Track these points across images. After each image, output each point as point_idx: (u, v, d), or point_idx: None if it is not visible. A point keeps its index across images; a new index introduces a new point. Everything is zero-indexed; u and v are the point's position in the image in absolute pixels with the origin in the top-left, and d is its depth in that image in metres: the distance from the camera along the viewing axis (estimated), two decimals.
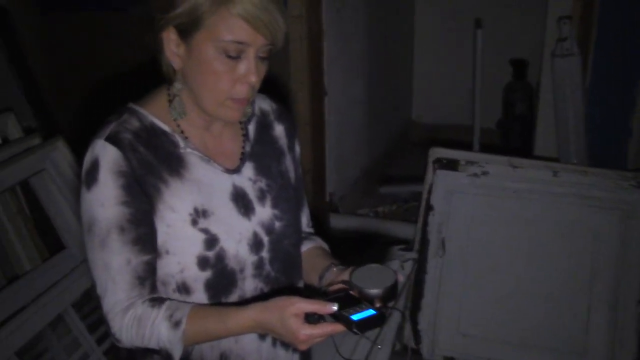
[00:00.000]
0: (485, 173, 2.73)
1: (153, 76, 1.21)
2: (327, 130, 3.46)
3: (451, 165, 2.76)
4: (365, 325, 1.04)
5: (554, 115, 3.09)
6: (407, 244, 2.90)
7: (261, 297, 1.22)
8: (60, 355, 2.34)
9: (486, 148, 3.53)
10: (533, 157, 3.10)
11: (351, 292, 1.11)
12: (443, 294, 2.79)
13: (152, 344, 1.11)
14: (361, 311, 1.05)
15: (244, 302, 1.19)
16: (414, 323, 2.81)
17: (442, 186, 2.77)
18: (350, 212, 3.78)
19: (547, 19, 3.14)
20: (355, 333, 1.03)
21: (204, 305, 1.16)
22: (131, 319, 1.11)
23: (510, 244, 2.74)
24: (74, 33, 3.55)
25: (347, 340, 1.91)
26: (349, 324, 1.03)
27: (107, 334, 2.39)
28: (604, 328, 2.61)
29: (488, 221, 2.77)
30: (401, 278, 1.15)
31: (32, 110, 3.17)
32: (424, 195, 2.81)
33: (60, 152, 2.52)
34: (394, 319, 2.57)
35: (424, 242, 2.81)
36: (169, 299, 1.15)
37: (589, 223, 2.65)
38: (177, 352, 1.10)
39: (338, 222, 3.53)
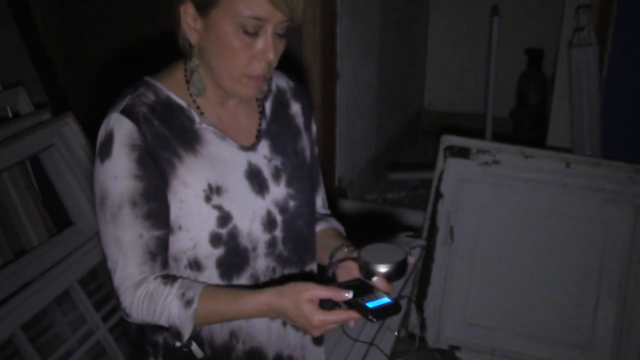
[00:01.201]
0: (496, 162, 2.71)
1: (167, 51, 1.20)
2: (338, 114, 3.44)
3: (462, 153, 2.74)
4: (380, 313, 1.03)
5: (569, 105, 3.05)
6: (415, 231, 2.89)
7: (274, 281, 1.22)
8: (65, 331, 2.35)
9: (498, 137, 3.50)
10: (546, 148, 3.07)
11: (365, 280, 1.10)
12: (450, 283, 2.78)
13: (162, 321, 1.11)
14: (376, 299, 1.05)
15: (255, 283, 1.19)
16: (420, 311, 2.80)
17: (452, 174, 2.76)
18: (358, 198, 3.77)
19: (564, 8, 3.09)
20: (371, 320, 1.03)
21: (217, 285, 1.16)
22: (143, 294, 1.11)
23: (520, 234, 2.73)
24: (87, 8, 3.53)
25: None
26: (364, 311, 1.03)
27: (114, 310, 2.43)
28: (611, 321, 2.60)
29: (498, 210, 2.75)
30: (411, 259, 1.14)
31: (43, 86, 3.16)
32: (434, 183, 2.79)
33: (71, 128, 2.51)
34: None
35: (433, 229, 2.79)
36: (182, 277, 1.15)
37: (600, 215, 2.63)
38: (186, 331, 1.09)
39: (346, 207, 3.52)
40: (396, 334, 2.50)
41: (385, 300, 1.05)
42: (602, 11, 2.94)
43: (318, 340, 1.36)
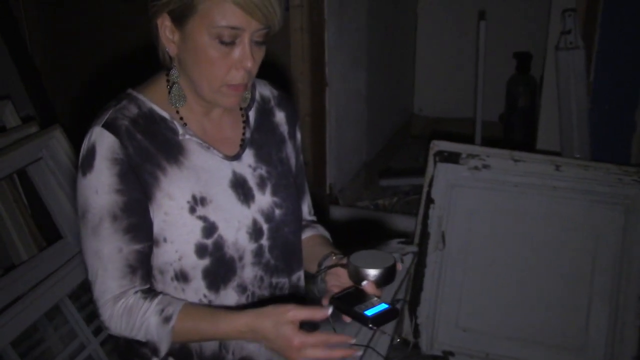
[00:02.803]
0: (486, 166, 2.71)
1: (152, 63, 1.20)
2: (327, 121, 3.44)
3: (452, 158, 2.74)
4: (380, 319, 1.05)
5: (557, 109, 3.06)
6: (407, 237, 2.88)
7: (262, 290, 1.22)
8: (57, 346, 2.33)
9: (488, 141, 3.51)
10: (535, 151, 3.07)
11: (357, 286, 1.11)
12: (443, 288, 2.78)
13: (140, 336, 1.11)
14: (373, 306, 1.06)
15: (243, 292, 1.19)
16: (413, 317, 2.80)
17: (443, 179, 2.75)
18: (350, 204, 3.76)
19: (551, 12, 3.11)
20: (371, 328, 1.04)
21: (197, 304, 1.16)
22: (122, 308, 1.11)
23: (511, 238, 2.72)
24: (74, 21, 3.53)
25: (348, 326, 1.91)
26: (364, 320, 1.04)
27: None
28: (604, 324, 2.60)
29: (489, 215, 2.75)
30: (400, 266, 1.15)
31: (30, 99, 3.15)
32: (425, 188, 2.79)
33: (58, 140, 2.50)
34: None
35: (424, 235, 2.79)
36: (162, 293, 1.14)
37: (590, 218, 2.64)
38: (164, 347, 1.09)
39: (338, 214, 3.51)
40: (390, 338, 2.50)
41: (383, 306, 1.07)
42: (587, 15, 2.96)
43: None
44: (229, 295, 1.19)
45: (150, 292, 1.12)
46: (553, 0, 3.11)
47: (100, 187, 1.09)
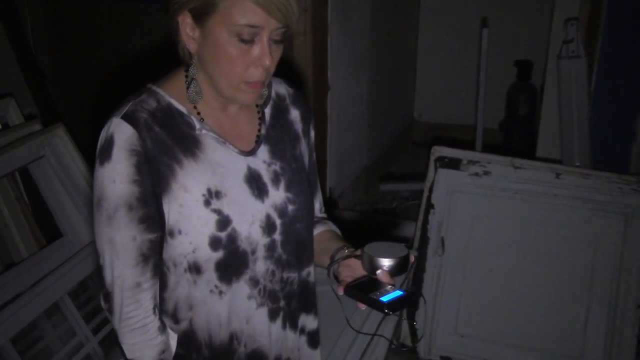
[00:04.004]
0: (487, 173, 2.72)
1: (155, 62, 1.21)
2: (329, 125, 3.45)
3: (453, 164, 2.75)
4: (395, 305, 1.09)
5: (558, 117, 3.08)
6: (406, 242, 2.89)
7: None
8: (55, 344, 2.33)
9: (488, 148, 3.52)
10: (535, 159, 3.08)
11: (371, 275, 1.15)
12: (441, 294, 2.78)
13: (128, 350, 1.17)
14: (388, 293, 1.11)
15: (254, 286, 1.22)
16: (412, 321, 2.80)
17: (443, 185, 2.76)
18: (349, 208, 3.77)
19: (553, 21, 3.12)
20: (387, 314, 1.09)
21: None
22: (139, 319, 1.16)
23: (510, 245, 2.73)
24: (79, 20, 3.53)
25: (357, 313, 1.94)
26: (379, 306, 1.09)
27: (104, 323, 2.41)
28: (602, 332, 2.60)
29: (488, 221, 2.75)
30: (412, 257, 1.18)
31: (33, 97, 3.15)
32: (425, 194, 2.79)
33: (61, 139, 2.50)
34: (392, 317, 2.57)
35: (424, 240, 2.79)
36: (168, 331, 1.22)
37: (589, 226, 2.64)
38: None
39: (337, 217, 3.51)
40: (389, 342, 2.50)
41: (398, 293, 1.11)
42: (590, 24, 2.98)
43: (314, 343, 1.37)
44: (241, 288, 1.20)
45: (163, 325, 1.20)
46: (555, 9, 3.13)
47: (118, 177, 1.10)
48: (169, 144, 1.13)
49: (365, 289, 1.13)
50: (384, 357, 2.44)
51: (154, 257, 1.15)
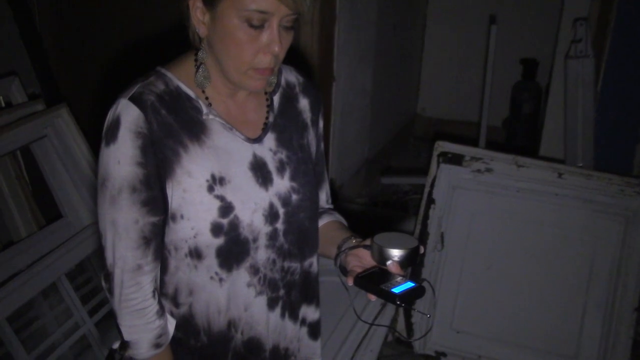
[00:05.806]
0: (489, 170, 2.71)
1: (160, 48, 1.19)
2: (332, 116, 3.44)
3: (456, 159, 2.74)
4: (407, 297, 1.08)
5: (563, 116, 3.07)
6: None
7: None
8: (51, 324, 2.33)
9: (491, 146, 3.51)
10: (538, 158, 3.08)
11: (381, 266, 1.14)
12: (439, 289, 2.78)
13: (127, 330, 1.18)
14: (399, 284, 1.10)
15: (255, 274, 1.21)
16: (408, 316, 2.80)
17: (445, 180, 2.76)
18: (349, 201, 3.77)
19: (561, 20, 3.11)
20: (399, 305, 1.08)
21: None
22: (138, 302, 1.16)
23: (510, 243, 2.73)
24: (83, 6, 3.51)
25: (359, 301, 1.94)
26: (391, 297, 1.08)
27: (100, 305, 2.41)
28: (597, 333, 2.61)
29: (489, 218, 2.75)
30: (422, 249, 1.17)
31: (37, 76, 3.14)
32: (427, 188, 2.79)
33: (64, 119, 2.50)
34: (389, 310, 2.58)
35: (424, 235, 2.79)
36: (169, 317, 1.22)
37: (590, 227, 2.64)
38: (138, 356, 1.20)
39: (337, 209, 3.51)
40: (384, 335, 2.51)
41: (409, 284, 1.09)
42: (599, 24, 2.96)
43: (314, 334, 1.37)
44: (241, 275, 1.20)
45: (162, 309, 1.21)
46: (564, 9, 3.11)
47: (123, 158, 1.09)
48: (175, 128, 1.13)
49: (375, 280, 1.12)
50: (379, 348, 2.44)
51: (156, 240, 1.15)
